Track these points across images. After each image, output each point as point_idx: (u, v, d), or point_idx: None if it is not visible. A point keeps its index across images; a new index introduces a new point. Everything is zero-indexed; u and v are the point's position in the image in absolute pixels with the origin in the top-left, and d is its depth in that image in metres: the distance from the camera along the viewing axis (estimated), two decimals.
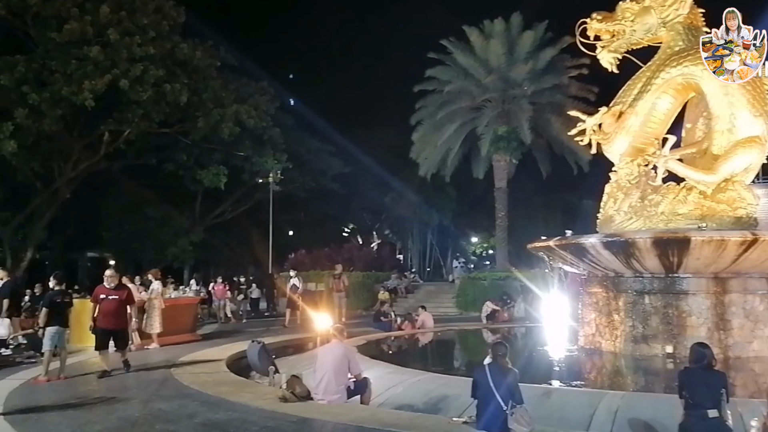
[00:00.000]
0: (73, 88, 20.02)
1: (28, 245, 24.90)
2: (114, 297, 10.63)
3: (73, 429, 6.96)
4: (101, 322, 10.63)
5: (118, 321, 10.75)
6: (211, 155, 27.60)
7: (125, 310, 10.98)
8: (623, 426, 6.81)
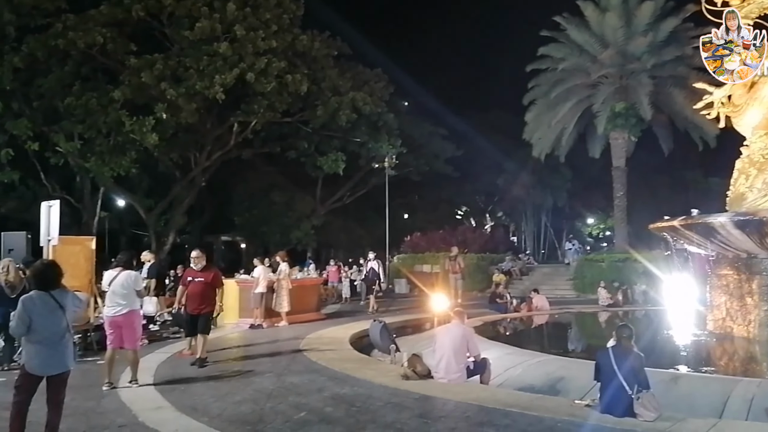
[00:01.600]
0: (206, 82, 21.07)
1: (170, 230, 26.68)
2: (199, 279, 9.79)
3: (215, 399, 7.44)
4: (188, 305, 9.91)
5: (202, 304, 9.75)
6: (330, 142, 28.32)
7: (211, 293, 9.87)
8: (760, 414, 6.40)
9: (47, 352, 5.44)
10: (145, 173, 26.40)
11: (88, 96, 21.03)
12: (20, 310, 5.43)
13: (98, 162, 21.63)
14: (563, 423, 6.08)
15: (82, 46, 20.91)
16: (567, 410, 6.51)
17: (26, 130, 21.20)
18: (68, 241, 12.11)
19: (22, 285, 9.26)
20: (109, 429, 6.24)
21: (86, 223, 25.49)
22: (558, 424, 6.06)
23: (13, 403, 5.35)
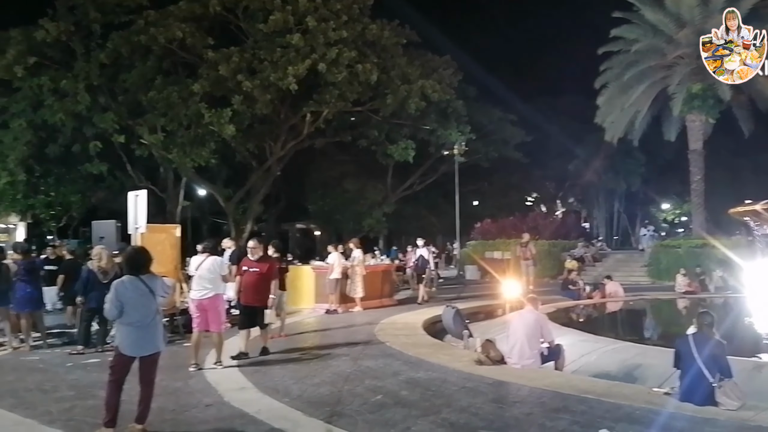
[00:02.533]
0: (279, 74, 21.39)
1: (247, 218, 27.37)
2: (254, 270, 9.15)
3: (295, 381, 7.62)
4: (243, 296, 9.31)
5: (256, 296, 9.13)
6: (400, 130, 28.30)
7: (266, 285, 9.17)
8: None
9: (138, 334, 5.69)
10: (223, 163, 27.13)
11: (170, 90, 21.77)
12: (113, 294, 5.68)
13: (180, 153, 22.37)
14: (641, 410, 5.94)
15: (163, 42, 21.63)
16: (645, 398, 6.36)
17: (112, 123, 22.18)
18: (155, 229, 12.62)
19: (113, 271, 9.73)
20: (196, 408, 6.49)
21: (170, 212, 26.50)
22: (636, 412, 5.93)
23: (109, 382, 5.63)
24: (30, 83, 21.83)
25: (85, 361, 9.12)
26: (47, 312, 12.49)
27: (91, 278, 9.76)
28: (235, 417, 6.13)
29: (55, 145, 23.58)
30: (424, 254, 17.38)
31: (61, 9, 22.03)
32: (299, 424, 5.81)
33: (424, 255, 17.34)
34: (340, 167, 33.85)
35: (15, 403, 6.65)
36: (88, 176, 25.49)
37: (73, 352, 9.59)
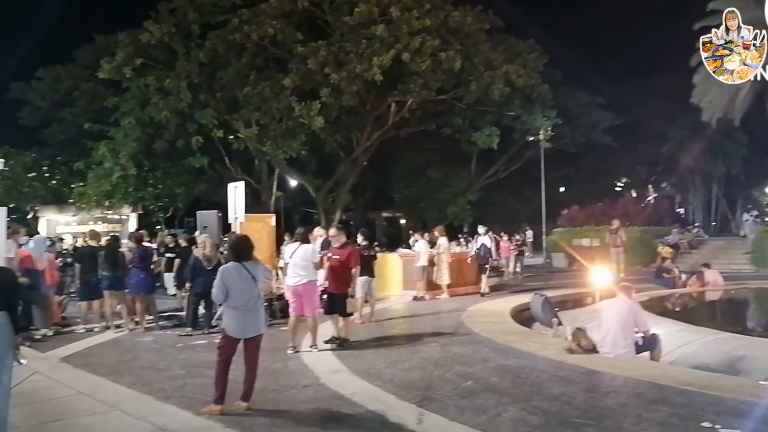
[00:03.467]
0: (365, 65, 21.59)
1: (336, 207, 27.89)
2: (335, 257, 9.09)
3: (386, 365, 7.76)
4: (327, 284, 9.40)
5: (336, 284, 9.10)
6: (484, 117, 27.95)
7: (346, 273, 9.10)
8: None
9: (243, 317, 5.97)
10: (313, 155, 27.70)
11: (263, 85, 22.43)
12: (219, 279, 5.99)
13: (273, 146, 23.04)
14: (747, 404, 5.65)
15: (256, 39, 22.29)
16: (751, 391, 6.05)
17: (212, 119, 23.13)
18: (252, 218, 13.13)
19: (217, 258, 10.22)
20: (295, 388, 6.74)
21: (264, 202, 27.39)
22: (741, 405, 5.64)
23: (217, 362, 5.95)
24: (137, 83, 23.12)
25: (194, 342, 9.65)
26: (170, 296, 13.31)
27: (198, 265, 10.29)
28: (331, 398, 6.32)
29: (161, 141, 24.85)
30: (486, 242, 16.05)
31: (163, 12, 23.16)
32: (392, 407, 5.92)
33: (486, 243, 16.02)
34: (425, 156, 33.81)
35: (133, 381, 7.14)
36: (191, 169, 26.80)
37: (182, 334, 10.17)
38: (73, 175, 27.97)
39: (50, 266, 11.11)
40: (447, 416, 5.60)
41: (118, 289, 10.74)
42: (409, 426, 5.37)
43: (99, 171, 25.64)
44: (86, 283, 11.02)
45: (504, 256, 21.27)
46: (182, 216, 31.61)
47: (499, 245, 21.05)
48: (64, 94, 29.75)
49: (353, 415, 5.74)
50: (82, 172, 26.80)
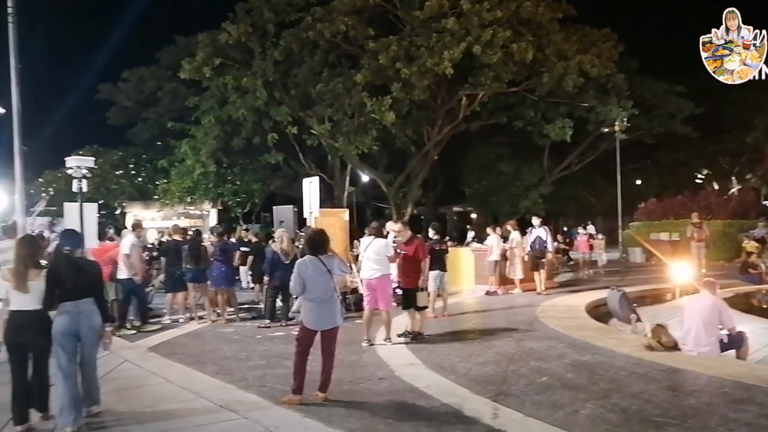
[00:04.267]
0: (435, 59, 21.46)
1: (407, 202, 27.96)
2: (403, 252, 9.20)
3: (460, 359, 7.74)
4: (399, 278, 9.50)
5: (407, 278, 9.15)
6: (557, 109, 27.29)
7: (415, 266, 9.11)
8: None
9: (319, 309, 6.08)
10: (384, 150, 27.83)
11: (335, 81, 22.70)
12: (296, 272, 6.13)
13: (345, 141, 23.30)
14: None
15: (329, 36, 22.56)
16: None
17: (286, 116, 23.62)
18: (326, 213, 13.34)
19: (293, 252, 10.44)
20: (371, 381, 6.82)
21: (337, 197, 27.78)
22: None
23: (296, 353, 6.09)
24: (216, 82, 23.88)
25: (272, 334, 9.92)
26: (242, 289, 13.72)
27: (275, 259, 10.55)
28: (406, 391, 6.36)
29: (239, 138, 25.58)
30: (542, 235, 14.71)
31: (240, 12, 23.82)
32: (467, 401, 5.90)
33: (541, 236, 14.68)
34: (496, 149, 33.35)
35: (216, 370, 7.41)
36: (266, 166, 27.47)
37: (261, 326, 10.47)
38: (158, 172, 29.19)
39: None
40: (523, 411, 5.54)
41: (201, 281, 11.16)
42: (484, 420, 5.35)
43: (181, 168, 26.67)
44: (171, 276, 11.49)
45: (582, 251, 20.57)
46: (259, 211, 32.43)
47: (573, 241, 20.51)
48: (148, 95, 31.13)
49: (428, 408, 5.76)
50: (166, 169, 27.96)
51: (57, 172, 27.54)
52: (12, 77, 9.27)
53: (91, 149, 27.77)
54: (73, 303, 5.37)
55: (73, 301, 5.37)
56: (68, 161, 11.61)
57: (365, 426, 5.25)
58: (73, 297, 5.38)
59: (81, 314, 5.38)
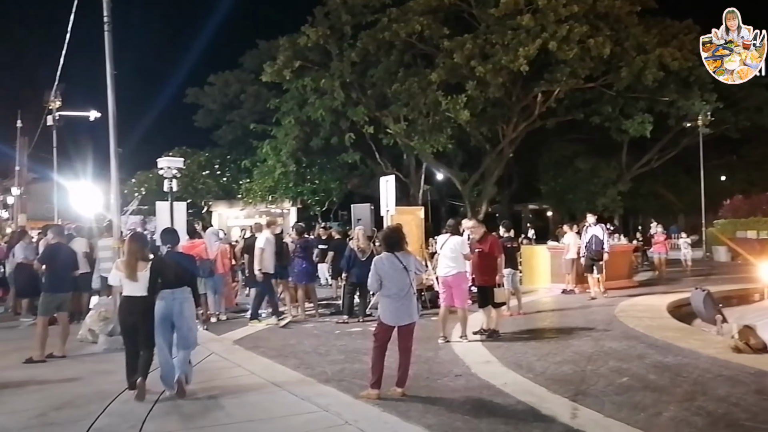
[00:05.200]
0: (510, 56, 21.11)
1: (482, 200, 27.66)
2: (478, 250, 9.03)
3: (537, 358, 7.60)
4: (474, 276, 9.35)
5: (483, 276, 9.06)
6: (635, 104, 26.26)
7: (489, 264, 8.97)
8: None
9: (396, 305, 6.10)
10: (459, 148, 27.65)
11: (410, 81, 22.74)
12: (373, 269, 6.20)
13: (420, 140, 23.30)
14: None
15: (404, 36, 22.61)
16: None
17: (363, 116, 23.86)
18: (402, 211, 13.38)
19: (370, 249, 10.54)
20: (447, 377, 6.80)
21: (413, 196, 27.82)
22: None
23: (373, 348, 6.14)
24: (296, 84, 24.41)
25: (350, 329, 10.05)
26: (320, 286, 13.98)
27: (353, 256, 10.68)
28: (482, 388, 6.30)
29: (317, 138, 26.03)
30: (598, 234, 13.37)
31: (318, 16, 24.26)
32: (545, 400, 5.79)
33: (597, 235, 13.35)
34: (572, 146, 32.46)
35: (298, 363, 7.58)
36: (344, 165, 27.85)
37: (339, 321, 10.63)
38: (241, 172, 30.13)
39: (222, 256, 11.84)
40: (602, 412, 5.38)
41: (283, 277, 11.43)
42: (562, 419, 5.23)
43: (263, 168, 27.42)
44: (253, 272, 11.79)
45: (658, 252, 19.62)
46: (336, 209, 32.90)
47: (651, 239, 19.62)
48: (232, 98, 32.20)
49: (505, 406, 5.69)
50: (249, 169, 28.82)
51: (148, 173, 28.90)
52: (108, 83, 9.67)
53: (179, 151, 28.92)
54: (170, 291, 6.16)
55: (171, 289, 6.16)
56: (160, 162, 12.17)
57: (442, 422, 5.23)
58: (171, 286, 6.18)
59: (176, 300, 6.15)
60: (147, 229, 19.05)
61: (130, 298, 6.25)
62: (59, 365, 7.76)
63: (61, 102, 22.24)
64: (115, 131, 9.73)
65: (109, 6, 9.59)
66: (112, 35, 9.63)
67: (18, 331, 10.40)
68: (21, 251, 11.72)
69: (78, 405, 5.90)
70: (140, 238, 6.87)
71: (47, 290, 8.29)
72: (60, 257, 8.48)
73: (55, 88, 21.45)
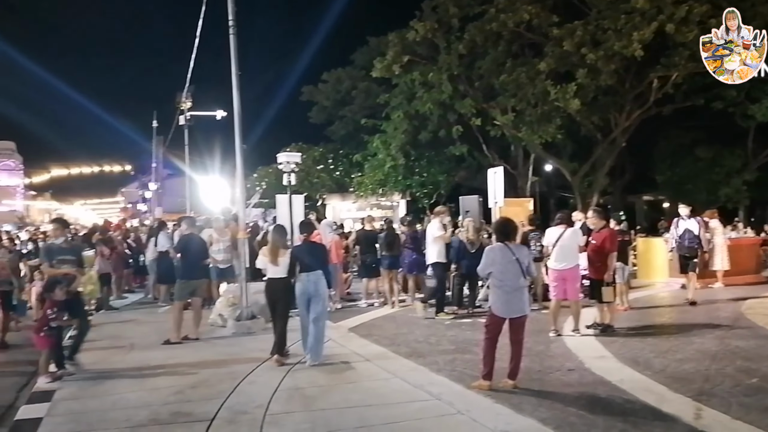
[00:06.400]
0: (624, 41, 19.99)
1: (593, 191, 26.51)
2: (592, 242, 8.70)
3: (655, 354, 7.23)
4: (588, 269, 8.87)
5: (592, 269, 8.65)
6: (764, 87, 24.09)
7: (600, 257, 8.54)
8: None
9: (507, 297, 6.01)
10: (568, 138, 26.66)
11: (518, 71, 22.18)
12: (484, 258, 6.17)
13: (528, 131, 22.72)
14: None
15: (512, 26, 22.06)
16: None
17: (470, 108, 23.60)
18: (511, 202, 13.16)
19: (479, 241, 10.43)
20: (560, 371, 6.62)
21: (520, 187, 27.20)
22: None
23: (484, 339, 6.08)
24: (404, 79, 24.54)
25: (460, 320, 10.01)
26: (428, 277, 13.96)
27: (462, 248, 10.62)
28: (597, 383, 6.09)
29: (425, 132, 26.08)
30: (693, 228, 11.65)
31: (426, 10, 24.16)
32: (665, 399, 5.51)
33: (692, 229, 11.64)
34: (691, 134, 30.25)
35: (409, 352, 7.66)
36: (451, 157, 27.72)
37: (448, 312, 10.61)
38: (353, 166, 30.78)
39: (336, 247, 12.04)
40: (729, 414, 5.05)
41: (395, 268, 11.58)
42: (685, 420, 4.95)
43: (373, 162, 27.86)
44: (364, 262, 12.07)
45: None
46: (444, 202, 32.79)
47: None
48: (344, 94, 32.91)
49: (622, 403, 5.47)
50: (360, 163, 29.39)
51: (268, 168, 30.18)
52: (233, 84, 10.16)
53: (296, 146, 29.81)
54: (306, 274, 7.13)
55: (306, 272, 7.13)
56: (279, 157, 12.67)
57: (556, 416, 5.10)
58: (307, 269, 7.16)
59: (310, 282, 7.11)
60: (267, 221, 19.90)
61: (273, 279, 7.30)
62: (193, 347, 8.32)
63: (192, 103, 23.63)
64: (241, 129, 10.21)
65: (234, 11, 10.09)
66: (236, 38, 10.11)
67: (157, 315, 11.17)
68: (164, 241, 12.43)
69: (210, 384, 6.31)
70: (281, 229, 7.88)
71: (182, 277, 8.90)
72: (192, 247, 9.06)
73: (186, 90, 22.89)
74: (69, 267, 7.28)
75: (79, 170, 62.62)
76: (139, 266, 15.44)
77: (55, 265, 7.32)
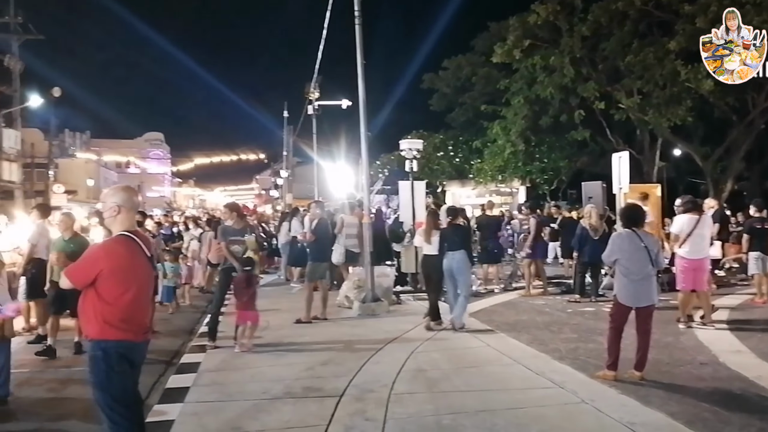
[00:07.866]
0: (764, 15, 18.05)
1: (727, 177, 24.39)
2: None
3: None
4: None
5: None
6: None
7: None
8: None
9: (635, 286, 5.73)
10: (700, 121, 24.66)
11: (646, 52, 20.78)
12: (610, 244, 5.96)
13: (656, 114, 21.30)
14: None
15: (639, 4, 20.67)
16: None
17: (593, 91, 22.43)
18: (636, 189, 12.42)
19: (602, 228, 10.00)
20: (691, 365, 6.25)
21: (647, 173, 25.53)
22: None
23: (609, 329, 5.87)
24: (525, 64, 23.77)
25: (582, 309, 9.70)
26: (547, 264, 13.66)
27: (584, 235, 10.24)
28: (733, 379, 5.70)
29: (546, 117, 25.16)
30: None
31: None
32: None
33: None
34: None
35: (531, 339, 7.54)
36: (573, 143, 26.56)
37: (570, 300, 10.31)
38: (472, 152, 30.41)
39: None
40: None
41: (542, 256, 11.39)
42: None
43: (493, 148, 27.35)
44: (485, 248, 11.95)
45: None
46: (565, 188, 31.69)
47: None
48: (464, 81, 32.50)
49: (760, 401, 5.10)
50: (479, 149, 28.97)
51: (390, 155, 30.54)
52: (358, 73, 10.33)
53: (417, 134, 30.02)
54: (451, 252, 8.06)
55: (452, 251, 8.05)
56: (402, 144, 12.80)
57: (688, 411, 4.81)
58: (452, 249, 8.08)
59: (454, 260, 8.03)
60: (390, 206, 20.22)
61: (427, 256, 8.42)
62: (322, 326, 8.70)
63: (319, 93, 24.36)
64: (366, 117, 10.39)
65: (359, 3, 10.26)
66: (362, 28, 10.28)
67: (289, 296, 11.71)
68: (297, 226, 12.94)
69: (338, 362, 6.57)
70: (434, 213, 8.79)
71: (313, 260, 9.29)
72: (322, 231, 9.43)
73: (314, 81, 23.62)
74: (239, 247, 7.45)
75: (219, 159, 66.91)
76: (272, 249, 16.25)
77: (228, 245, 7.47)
